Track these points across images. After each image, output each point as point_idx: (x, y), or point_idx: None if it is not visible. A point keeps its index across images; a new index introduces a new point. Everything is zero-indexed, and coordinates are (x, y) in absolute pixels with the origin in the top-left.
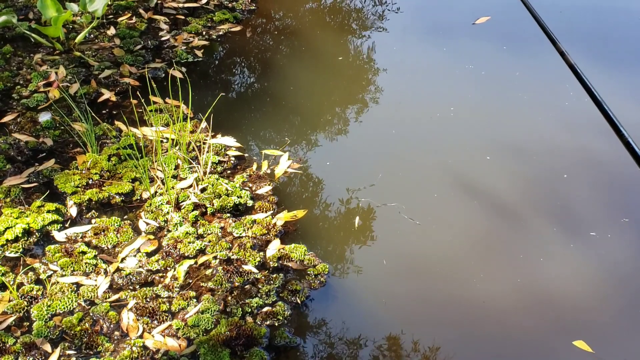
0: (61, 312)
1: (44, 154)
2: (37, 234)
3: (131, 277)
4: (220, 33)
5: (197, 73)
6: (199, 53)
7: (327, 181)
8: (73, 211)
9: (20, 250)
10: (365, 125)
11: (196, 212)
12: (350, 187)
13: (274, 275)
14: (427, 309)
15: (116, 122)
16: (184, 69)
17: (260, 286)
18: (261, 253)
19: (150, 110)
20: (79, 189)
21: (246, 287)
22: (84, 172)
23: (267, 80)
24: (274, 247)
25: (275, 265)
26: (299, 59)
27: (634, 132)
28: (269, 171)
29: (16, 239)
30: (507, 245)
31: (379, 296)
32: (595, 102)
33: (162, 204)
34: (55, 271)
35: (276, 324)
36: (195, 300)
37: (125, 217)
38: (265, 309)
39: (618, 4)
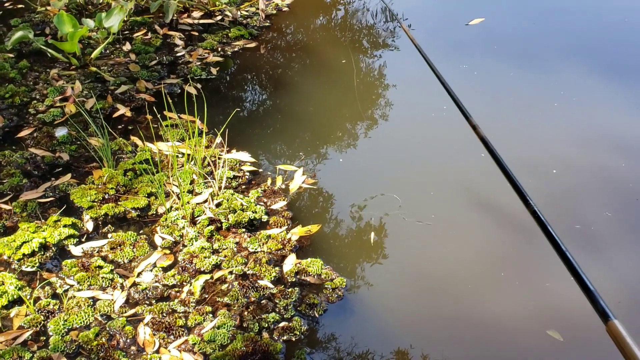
0: (78, 326)
1: (60, 168)
2: (53, 248)
3: (147, 291)
4: (235, 49)
5: (212, 89)
6: (214, 69)
7: (341, 196)
8: (89, 226)
9: (37, 264)
10: (379, 140)
11: (211, 227)
12: (364, 202)
13: (290, 290)
14: (444, 326)
15: (132, 137)
16: (199, 85)
17: (276, 301)
18: (277, 268)
19: (166, 125)
20: (95, 203)
21: (262, 302)
22: (100, 186)
23: (281, 95)
24: (291, 262)
25: (293, 279)
26: (313, 74)
27: None
28: (283, 186)
29: (33, 254)
30: (522, 265)
31: (395, 311)
32: (504, 173)
33: (177, 218)
34: (71, 285)
35: (293, 339)
36: (211, 315)
37: (141, 231)
38: (282, 324)
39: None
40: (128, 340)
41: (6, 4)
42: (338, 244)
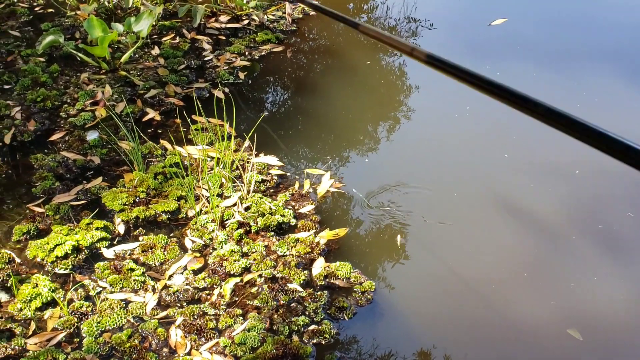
0: (111, 328)
1: (92, 171)
2: (86, 250)
3: (178, 294)
4: (263, 53)
5: (240, 93)
6: (242, 73)
7: (369, 199)
8: (121, 228)
9: (70, 267)
10: (403, 142)
11: (241, 231)
12: (392, 205)
13: (319, 293)
14: (469, 328)
15: (161, 141)
16: (226, 89)
17: (306, 304)
18: (305, 271)
19: (196, 129)
20: (126, 206)
21: (292, 305)
22: (130, 190)
23: (307, 99)
24: (320, 265)
25: (322, 283)
26: (339, 77)
27: None
28: (311, 190)
29: (66, 256)
30: (551, 269)
31: (422, 314)
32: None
33: (207, 222)
34: (104, 288)
35: (323, 343)
36: (241, 318)
37: (172, 234)
38: (311, 327)
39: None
40: (160, 342)
41: (36, 9)
42: (366, 247)
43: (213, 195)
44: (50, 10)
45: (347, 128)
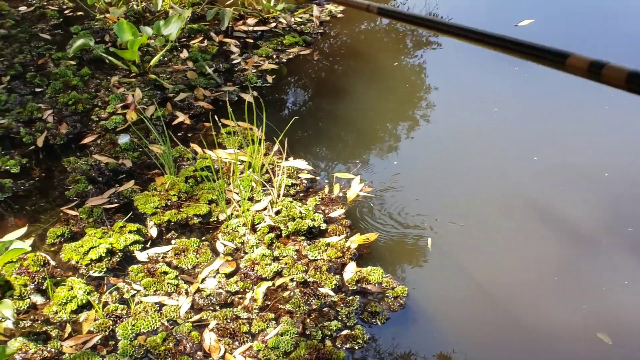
0: (145, 331)
1: (124, 175)
2: (119, 254)
3: (211, 297)
4: (290, 56)
5: (268, 96)
6: (270, 77)
7: (399, 204)
8: (153, 232)
9: (104, 269)
10: (433, 145)
11: (272, 235)
12: (422, 209)
13: (351, 298)
14: (505, 335)
15: (191, 145)
16: (255, 93)
17: (338, 309)
18: (337, 276)
19: (227, 133)
20: (158, 210)
21: (324, 309)
22: (162, 193)
23: (335, 102)
24: (351, 270)
25: (354, 288)
26: (368, 80)
27: None
28: (340, 194)
29: (100, 259)
30: (581, 272)
31: (454, 318)
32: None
33: (238, 225)
34: (138, 291)
35: (356, 348)
36: (274, 322)
37: (203, 238)
38: (344, 332)
39: None
40: (194, 346)
41: (66, 11)
42: (396, 251)
43: (244, 199)
44: (79, 13)
45: (376, 131)
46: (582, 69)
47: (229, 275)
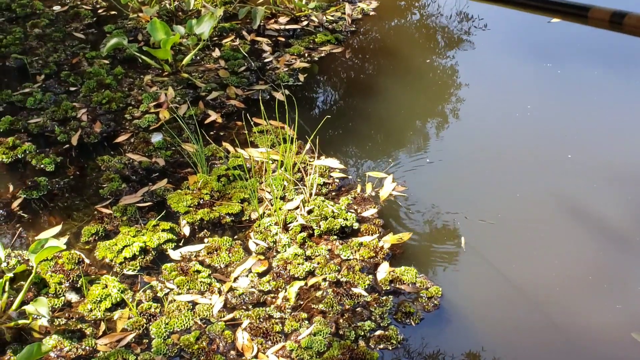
0: (179, 330)
1: (157, 173)
2: (153, 252)
3: (244, 296)
4: (322, 55)
5: (300, 95)
6: (301, 75)
7: (432, 203)
8: (186, 230)
9: (138, 268)
10: (465, 143)
11: (304, 234)
12: (455, 208)
13: (385, 298)
14: (539, 335)
15: (224, 143)
16: (287, 91)
17: (371, 309)
18: (370, 276)
19: (260, 132)
20: (191, 208)
21: (357, 309)
22: (195, 192)
23: (367, 100)
24: (384, 270)
25: (388, 288)
26: (399, 78)
27: None
28: (373, 193)
29: (134, 257)
30: (616, 272)
31: (489, 319)
32: None
33: (270, 224)
34: (171, 289)
35: (390, 348)
36: (307, 322)
37: (236, 237)
38: (377, 333)
39: None
40: (227, 345)
41: (99, 11)
42: (430, 251)
43: (276, 197)
44: (112, 12)
45: (407, 129)
46: (604, 20)
47: (261, 275)
